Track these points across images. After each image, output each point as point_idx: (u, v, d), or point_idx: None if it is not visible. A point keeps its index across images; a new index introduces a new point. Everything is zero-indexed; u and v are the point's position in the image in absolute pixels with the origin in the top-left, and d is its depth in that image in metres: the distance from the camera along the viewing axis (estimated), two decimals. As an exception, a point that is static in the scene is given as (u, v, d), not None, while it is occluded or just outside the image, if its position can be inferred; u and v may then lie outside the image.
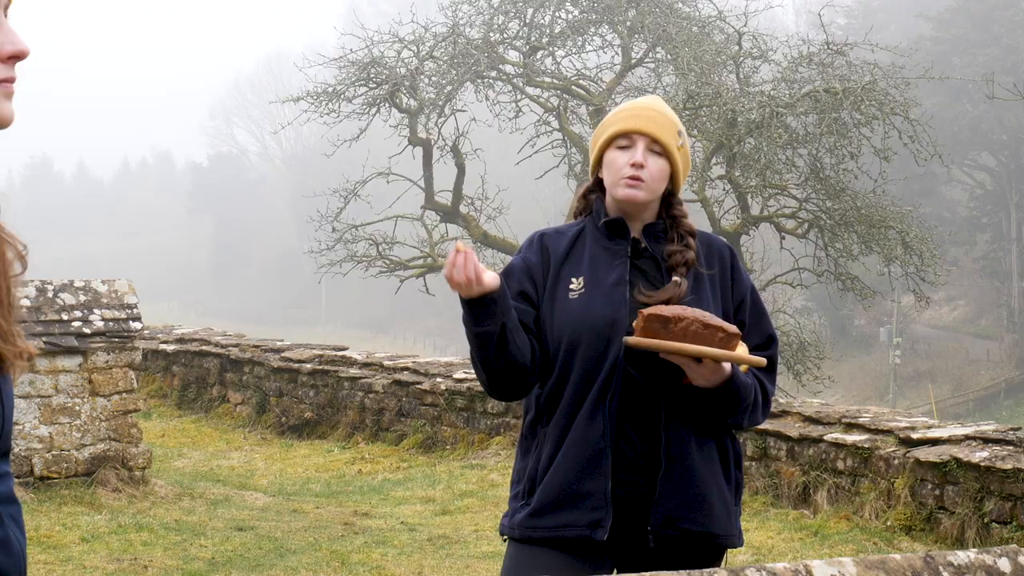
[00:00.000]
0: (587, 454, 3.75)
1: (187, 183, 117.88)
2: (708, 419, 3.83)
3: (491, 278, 3.66)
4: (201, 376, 16.17)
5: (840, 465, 9.80)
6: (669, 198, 3.98)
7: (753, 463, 10.47)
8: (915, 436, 9.36)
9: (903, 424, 9.69)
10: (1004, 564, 3.16)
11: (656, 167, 3.88)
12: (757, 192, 24.69)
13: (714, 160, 25.01)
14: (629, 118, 3.90)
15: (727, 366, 3.73)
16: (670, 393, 3.78)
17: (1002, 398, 54.35)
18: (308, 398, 14.78)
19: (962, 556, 3.21)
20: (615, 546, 3.79)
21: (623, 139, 3.89)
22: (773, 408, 10.52)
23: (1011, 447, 8.78)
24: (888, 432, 9.62)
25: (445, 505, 10.91)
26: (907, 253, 25.17)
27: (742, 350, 3.82)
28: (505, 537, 3.95)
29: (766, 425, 10.36)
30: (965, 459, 8.80)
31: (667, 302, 3.79)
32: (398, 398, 13.88)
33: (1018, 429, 9.17)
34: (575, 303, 3.81)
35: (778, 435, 10.25)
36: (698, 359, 3.68)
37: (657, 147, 3.88)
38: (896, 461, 9.34)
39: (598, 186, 4.00)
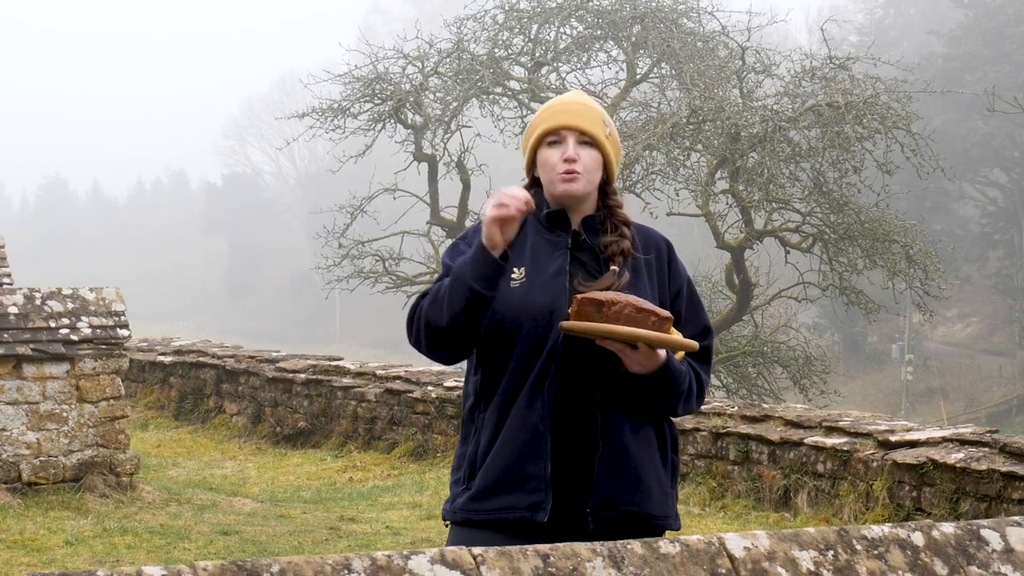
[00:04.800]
0: (526, 438, 3.82)
1: (201, 203, 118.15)
2: (643, 406, 3.91)
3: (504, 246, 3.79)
4: (198, 387, 16.27)
5: (820, 468, 9.85)
6: (604, 187, 4.07)
7: (735, 467, 10.52)
8: (893, 439, 9.41)
9: (882, 427, 9.74)
10: (918, 538, 3.16)
11: (589, 158, 3.98)
12: (760, 206, 24.69)
13: (718, 174, 25.05)
14: (556, 115, 4.01)
15: (662, 353, 3.80)
16: (606, 378, 3.86)
17: (1014, 414, 54.18)
18: (302, 408, 14.87)
19: (876, 530, 3.22)
20: (555, 528, 3.83)
21: (552, 136, 3.99)
22: (755, 413, 10.58)
23: (987, 448, 8.81)
24: (867, 435, 9.67)
25: (431, 510, 10.96)
26: (911, 267, 25.15)
27: (675, 335, 3.88)
28: (447, 522, 4.00)
29: (748, 429, 10.43)
30: (941, 460, 8.84)
31: (606, 290, 3.86)
32: (390, 407, 13.96)
33: (996, 431, 9.20)
34: (516, 292, 3.89)
35: (760, 439, 10.30)
36: (633, 345, 3.75)
37: (587, 139, 3.98)
38: (875, 463, 9.38)
39: (535, 183, 4.09)
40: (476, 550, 2.63)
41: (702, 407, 6.21)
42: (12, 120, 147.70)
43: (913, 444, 9.31)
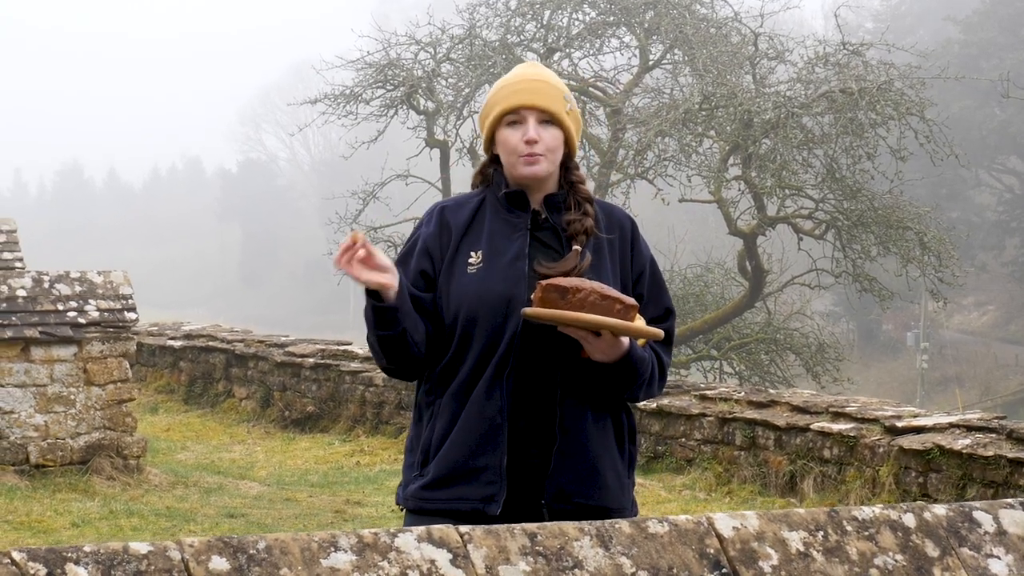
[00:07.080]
0: (483, 430, 3.75)
1: (216, 190, 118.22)
2: (604, 393, 3.84)
3: (390, 279, 3.67)
4: (207, 371, 16.32)
5: (827, 454, 9.84)
6: (566, 162, 3.97)
7: (741, 452, 10.51)
8: (900, 424, 9.40)
9: (889, 413, 9.73)
10: (909, 519, 3.14)
11: (550, 137, 3.87)
12: (773, 192, 24.62)
13: (730, 161, 25.00)
14: (515, 93, 3.89)
15: (625, 341, 3.72)
16: (566, 368, 3.79)
17: (1030, 403, 54.11)
18: (311, 392, 14.91)
19: (867, 511, 3.21)
20: (509, 520, 3.73)
21: (512, 115, 3.87)
22: (762, 398, 10.56)
23: (994, 435, 8.80)
24: (874, 421, 9.66)
25: (437, 495, 10.98)
26: (925, 254, 25.06)
27: (639, 323, 3.82)
28: (401, 508, 3.95)
29: (754, 415, 10.41)
30: (948, 446, 8.82)
31: (568, 273, 3.78)
32: (398, 391, 13.99)
33: (1003, 418, 9.18)
34: (472, 278, 3.80)
35: (766, 424, 10.29)
36: (596, 333, 3.67)
37: (547, 117, 3.87)
38: (881, 449, 9.37)
39: (494, 161, 3.98)
40: (463, 528, 2.62)
41: (664, 389, 6.15)
42: (21, 120, 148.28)
43: (920, 430, 9.29)
